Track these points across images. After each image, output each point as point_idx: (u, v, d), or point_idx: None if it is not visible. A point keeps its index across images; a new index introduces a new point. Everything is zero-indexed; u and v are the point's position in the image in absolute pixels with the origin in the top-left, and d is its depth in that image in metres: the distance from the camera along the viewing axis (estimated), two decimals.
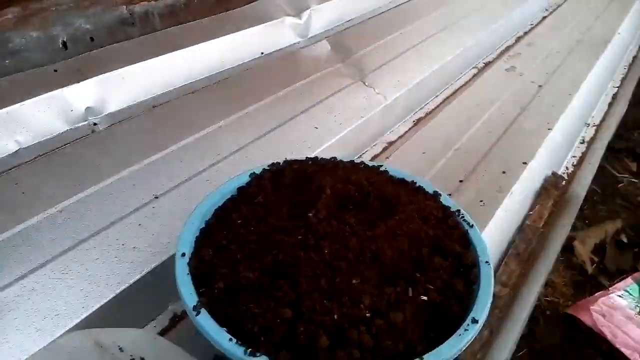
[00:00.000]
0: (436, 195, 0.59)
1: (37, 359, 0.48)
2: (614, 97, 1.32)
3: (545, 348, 0.93)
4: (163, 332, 0.58)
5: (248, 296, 0.46)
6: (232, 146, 0.78)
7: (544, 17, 1.70)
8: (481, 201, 0.80)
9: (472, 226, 0.55)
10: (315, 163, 0.61)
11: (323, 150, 0.85)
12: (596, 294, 1.10)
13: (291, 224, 0.50)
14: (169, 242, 0.62)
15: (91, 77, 0.78)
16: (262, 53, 1.07)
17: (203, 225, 0.55)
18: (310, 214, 0.50)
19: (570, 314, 1.05)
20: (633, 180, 1.51)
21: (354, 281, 0.46)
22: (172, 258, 0.60)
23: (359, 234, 0.49)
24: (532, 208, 0.84)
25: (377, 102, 1.01)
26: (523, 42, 1.49)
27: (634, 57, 1.57)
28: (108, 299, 0.55)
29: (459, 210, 0.57)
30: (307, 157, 0.62)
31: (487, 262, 0.52)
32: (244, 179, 0.60)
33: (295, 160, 0.62)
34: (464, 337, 0.45)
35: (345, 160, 0.64)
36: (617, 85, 1.38)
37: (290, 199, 0.54)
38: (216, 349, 0.43)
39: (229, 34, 0.99)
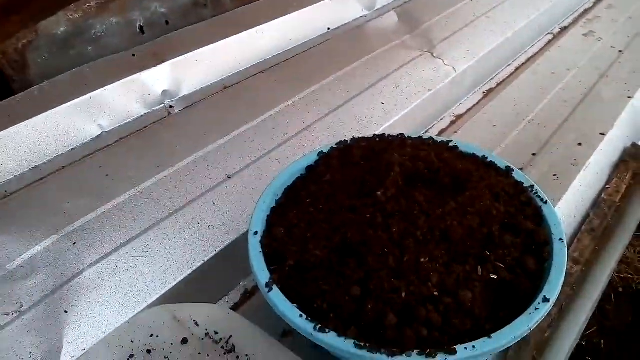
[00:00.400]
0: (508, 170, 0.58)
1: (120, 332, 0.52)
2: None
3: (616, 326, 0.90)
4: (235, 308, 0.61)
5: (317, 274, 0.48)
6: (300, 125, 0.80)
7: None
8: (555, 175, 0.77)
9: (545, 202, 0.54)
10: (383, 140, 0.62)
11: (390, 125, 0.84)
12: None
13: (359, 202, 0.51)
14: (241, 221, 0.64)
15: (167, 60, 0.82)
16: (328, 29, 1.07)
17: (274, 204, 0.57)
18: (379, 193, 0.50)
19: None
20: None
21: (422, 259, 0.46)
22: (244, 236, 0.63)
23: (428, 212, 0.49)
24: (609, 181, 0.80)
25: (446, 74, 0.99)
26: (603, 4, 1.40)
27: None
28: (185, 275, 0.59)
29: (532, 186, 0.56)
30: (374, 135, 0.63)
31: (560, 239, 0.50)
32: (313, 158, 0.61)
33: (363, 138, 0.62)
34: (534, 316, 0.44)
35: (413, 136, 0.63)
36: None
37: (359, 177, 0.55)
38: (286, 324, 0.45)
39: (295, 11, 1.00)
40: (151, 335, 0.53)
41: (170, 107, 0.81)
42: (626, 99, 0.94)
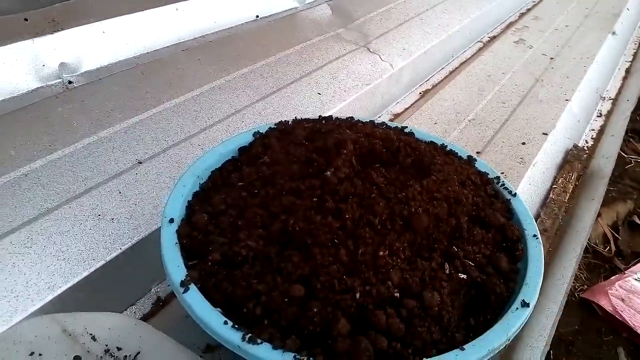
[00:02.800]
0: (471, 160, 0.51)
1: None
2: (628, 71, 1.25)
3: (564, 335, 0.86)
4: (145, 318, 0.49)
5: (250, 270, 0.37)
6: (227, 109, 0.69)
7: None
8: (502, 173, 0.72)
9: (514, 195, 0.47)
10: (330, 121, 0.53)
11: None
12: (612, 278, 1.03)
13: (304, 184, 0.41)
14: (154, 214, 0.53)
15: (67, 28, 0.68)
16: (257, 16, 0.98)
17: (197, 189, 0.46)
18: (328, 173, 0.41)
19: (586, 299, 0.98)
20: None
21: (380, 253, 0.38)
22: (158, 232, 0.52)
23: (387, 195, 0.40)
24: (554, 181, 0.77)
25: (384, 70, 0.92)
26: (528, 17, 1.42)
27: None
28: (80, 278, 0.47)
29: (498, 177, 0.49)
30: (320, 116, 0.54)
31: (535, 235, 0.44)
32: (247, 138, 0.51)
33: (306, 119, 0.53)
34: (512, 323, 0.37)
35: (363, 120, 0.55)
36: (630, 60, 1.30)
37: (303, 158, 0.45)
38: (209, 335, 0.34)
39: None
40: (31, 354, 0.40)
41: (69, 82, 0.68)
42: (564, 102, 0.92)
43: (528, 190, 0.72)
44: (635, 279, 1.02)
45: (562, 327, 0.87)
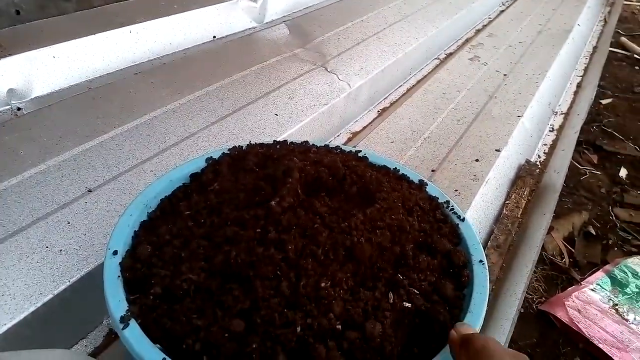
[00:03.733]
0: (422, 184, 0.52)
1: None
2: (579, 85, 1.29)
3: (523, 348, 0.88)
4: (97, 352, 0.48)
5: (190, 304, 0.37)
6: (181, 132, 0.69)
7: (502, 11, 1.67)
8: (456, 190, 0.74)
9: (463, 220, 0.48)
10: (284, 146, 0.53)
11: (285, 137, 0.76)
12: (569, 289, 1.06)
13: (249, 214, 0.41)
14: (104, 243, 0.52)
15: (15, 53, 0.67)
16: (214, 37, 0.98)
17: (145, 218, 0.46)
18: (273, 202, 0.41)
19: (544, 311, 1.00)
20: (595, 172, 1.49)
21: (322, 284, 0.37)
22: None
23: (331, 225, 0.40)
24: (508, 197, 0.79)
25: (341, 89, 0.93)
26: (483, 33, 1.46)
27: (594, 47, 1.56)
28: (26, 313, 0.45)
29: (448, 202, 0.50)
30: (274, 140, 0.54)
31: (481, 261, 0.44)
32: (199, 164, 0.51)
33: (261, 144, 0.53)
34: None
35: (318, 144, 0.55)
36: (581, 74, 1.35)
37: (251, 185, 0.45)
38: None
39: (176, 13, 0.90)
40: None
41: (18, 109, 0.66)
42: (516, 118, 0.95)
43: (482, 206, 0.73)
44: (591, 289, 1.05)
45: (520, 340, 0.88)
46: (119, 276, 0.39)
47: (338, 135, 0.91)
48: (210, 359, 0.34)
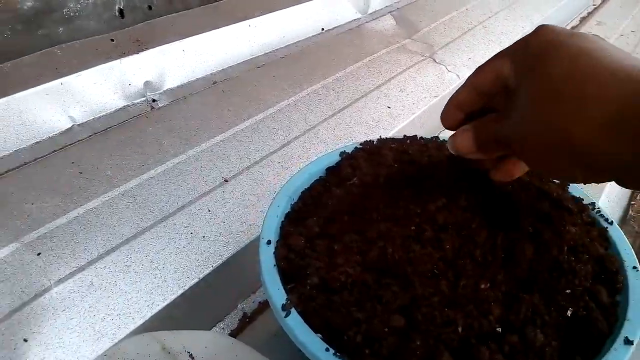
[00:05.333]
0: (564, 185, 0.50)
1: None
2: None
3: None
4: (233, 335, 0.51)
5: (349, 297, 0.38)
6: (302, 125, 0.70)
7: None
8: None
9: (611, 223, 0.46)
10: (415, 141, 0.53)
11: (399, 130, 0.76)
12: None
13: (401, 211, 0.42)
14: (241, 231, 0.55)
15: (150, 47, 0.71)
16: (322, 29, 0.99)
17: (289, 210, 0.47)
18: (428, 201, 0.41)
19: None
20: None
21: (482, 285, 0.37)
22: (244, 250, 0.54)
23: (489, 226, 0.40)
24: (633, 197, 0.75)
25: (450, 81, 0.92)
26: (591, 21, 1.38)
27: None
28: (176, 295, 0.48)
29: (593, 203, 0.48)
30: (404, 136, 0.54)
31: (635, 267, 0.42)
32: (334, 158, 0.52)
33: (392, 139, 0.54)
34: None
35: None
36: None
37: (394, 182, 0.45)
38: (302, 357, 0.35)
39: (290, 6, 0.92)
40: None
41: (153, 100, 0.70)
42: None
43: (608, 207, 0.70)
44: None
45: None
46: (274, 265, 0.41)
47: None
48: (372, 352, 0.35)
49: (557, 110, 0.30)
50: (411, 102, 0.83)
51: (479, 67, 0.38)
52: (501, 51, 0.36)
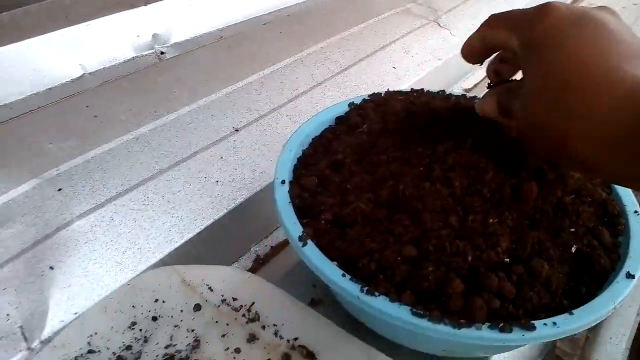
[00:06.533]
0: None
1: (119, 295, 0.43)
2: None
3: None
4: None
5: (361, 230, 0.40)
6: (309, 81, 0.72)
7: None
8: None
9: None
10: (422, 94, 0.55)
11: None
12: None
13: (410, 153, 0.43)
14: (253, 178, 0.56)
15: (158, 0, 0.71)
16: None
17: (300, 155, 0.49)
18: (437, 143, 0.43)
19: None
20: None
21: (490, 220, 0.39)
22: (256, 195, 0.55)
23: (495, 167, 0.42)
24: None
25: (454, 45, 0.93)
26: None
27: None
28: (192, 234, 0.50)
29: None
30: (412, 89, 0.55)
31: (636, 211, 0.45)
32: (343, 108, 0.53)
33: (399, 91, 0.55)
34: (618, 293, 0.38)
35: (455, 93, 0.57)
36: None
37: (403, 129, 0.47)
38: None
39: None
40: (156, 300, 0.44)
41: (162, 52, 0.71)
42: None
43: None
44: None
45: None
46: (289, 202, 0.43)
47: (451, 90, 0.91)
48: (386, 278, 0.37)
49: (556, 114, 0.29)
50: (416, 64, 0.85)
51: (489, 23, 0.38)
52: (508, 17, 0.36)
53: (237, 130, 0.60)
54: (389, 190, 0.41)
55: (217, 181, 0.55)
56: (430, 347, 0.42)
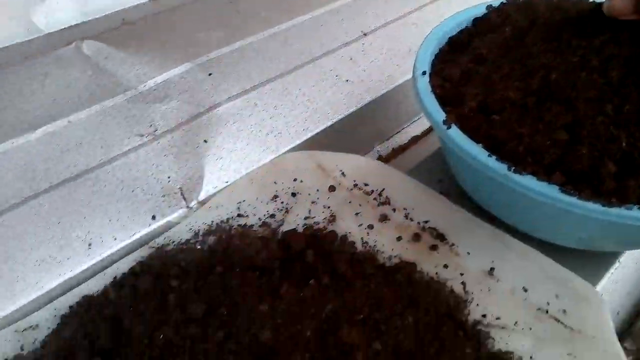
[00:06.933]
0: None
1: (264, 171, 0.47)
2: None
3: None
4: None
5: (509, 116, 0.40)
6: None
7: None
8: None
9: None
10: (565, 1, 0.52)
11: None
12: None
13: (563, 45, 0.42)
14: (380, 80, 0.57)
15: None
16: None
17: (437, 52, 0.49)
18: (592, 36, 0.42)
19: None
20: None
21: None
22: (382, 97, 0.57)
23: None
24: None
25: None
26: None
27: None
28: (326, 125, 0.53)
29: None
30: None
31: None
32: (480, 10, 0.52)
33: None
34: None
35: None
36: None
37: (552, 26, 0.46)
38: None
39: None
40: (295, 179, 0.47)
41: None
42: None
43: None
44: None
45: None
46: (430, 91, 0.43)
47: None
48: (534, 160, 0.37)
49: None
50: None
51: None
52: None
53: (365, 35, 0.61)
54: (540, 80, 0.41)
55: (347, 80, 0.56)
56: (566, 236, 0.42)
